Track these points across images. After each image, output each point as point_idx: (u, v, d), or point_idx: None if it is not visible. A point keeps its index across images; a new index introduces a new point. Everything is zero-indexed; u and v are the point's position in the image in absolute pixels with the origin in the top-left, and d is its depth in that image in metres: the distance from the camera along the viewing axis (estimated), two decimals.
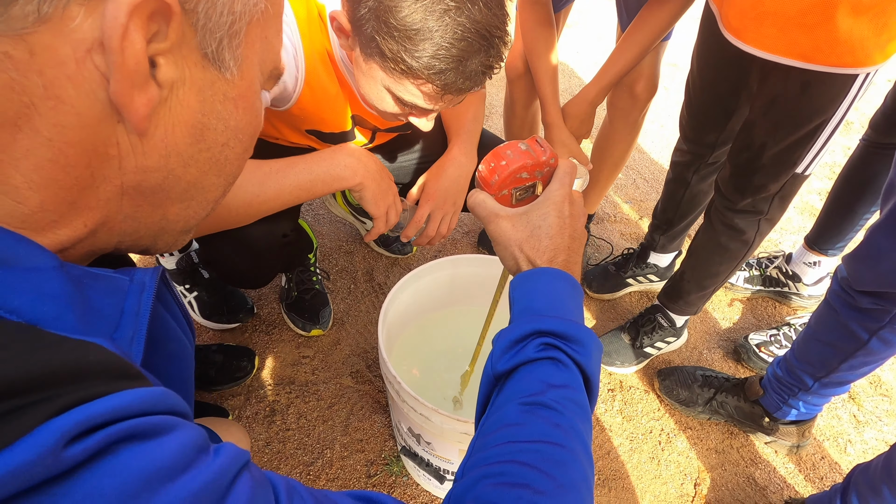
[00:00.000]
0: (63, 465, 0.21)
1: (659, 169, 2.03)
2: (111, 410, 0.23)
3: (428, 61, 0.65)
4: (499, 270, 1.06)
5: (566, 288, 0.50)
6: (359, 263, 1.53)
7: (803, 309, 1.52)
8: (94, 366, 0.24)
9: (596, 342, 0.48)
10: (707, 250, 1.16)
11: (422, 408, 0.80)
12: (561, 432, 0.41)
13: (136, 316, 0.30)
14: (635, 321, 1.35)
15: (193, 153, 0.30)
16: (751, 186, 0.99)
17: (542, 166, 0.54)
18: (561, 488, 0.37)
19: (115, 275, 0.30)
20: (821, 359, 0.97)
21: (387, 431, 1.17)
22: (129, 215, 0.30)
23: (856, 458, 1.22)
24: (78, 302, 0.26)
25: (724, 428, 1.25)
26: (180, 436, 0.25)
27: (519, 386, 0.44)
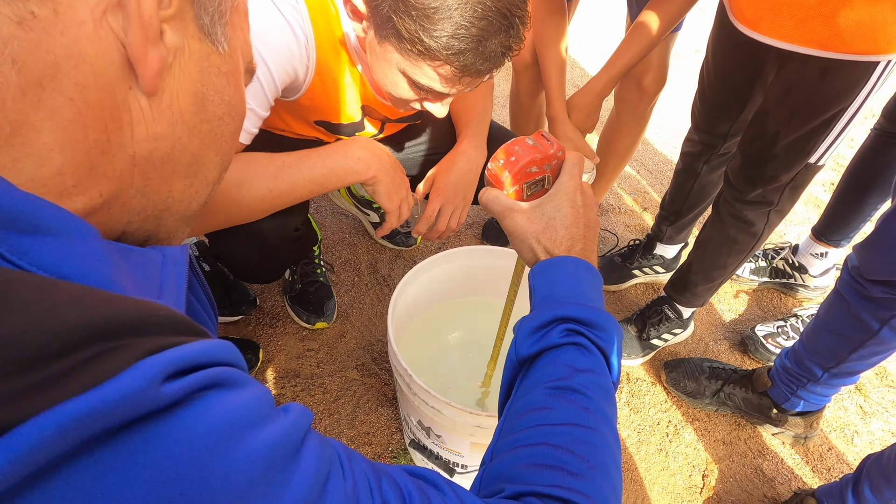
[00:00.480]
0: (161, 401, 0.22)
1: (663, 160, 2.02)
2: (197, 355, 0.24)
3: (447, 41, 0.63)
4: (510, 262, 1.05)
5: (586, 275, 0.51)
6: (362, 255, 1.52)
7: (809, 300, 1.51)
8: (164, 319, 0.25)
9: (617, 328, 0.49)
10: (715, 242, 1.15)
11: (434, 401, 0.79)
12: (589, 415, 0.42)
13: (174, 288, 0.31)
14: (642, 313, 1.34)
15: (196, 123, 0.32)
16: (762, 177, 0.98)
17: (550, 159, 0.55)
18: (593, 470, 0.38)
19: (147, 249, 0.31)
20: (831, 349, 0.97)
21: (394, 424, 1.17)
22: (139, 189, 0.31)
23: (863, 449, 1.22)
24: (122, 270, 0.27)
25: (731, 419, 1.25)
26: (256, 389, 0.26)
27: (545, 371, 0.45)
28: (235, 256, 0.90)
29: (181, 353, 0.23)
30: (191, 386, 0.23)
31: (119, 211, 0.31)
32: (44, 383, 0.19)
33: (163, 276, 0.31)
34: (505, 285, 1.08)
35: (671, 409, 1.26)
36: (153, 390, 0.21)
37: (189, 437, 0.22)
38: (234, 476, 0.23)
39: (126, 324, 0.23)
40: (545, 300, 0.49)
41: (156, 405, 0.21)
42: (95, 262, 0.25)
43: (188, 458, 0.22)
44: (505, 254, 1.03)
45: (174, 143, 0.31)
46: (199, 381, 0.23)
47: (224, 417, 0.24)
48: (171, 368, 0.22)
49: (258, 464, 0.24)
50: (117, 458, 0.20)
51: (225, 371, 0.25)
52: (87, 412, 0.19)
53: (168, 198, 0.33)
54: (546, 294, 0.49)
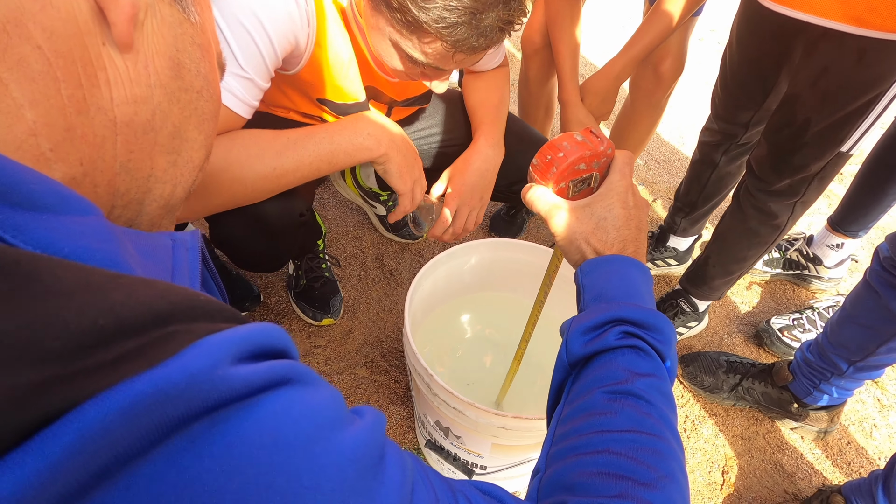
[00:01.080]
0: (235, 387, 0.19)
1: (671, 150, 1.99)
2: (259, 337, 0.22)
3: (439, 13, 0.58)
4: (529, 256, 1.02)
5: (638, 275, 0.49)
6: (368, 249, 1.47)
7: (822, 292, 1.49)
8: (206, 305, 0.23)
9: (673, 330, 0.46)
10: (735, 235, 1.11)
11: (456, 402, 0.76)
12: (652, 421, 0.40)
13: (187, 274, 0.29)
14: (657, 306, 1.31)
15: (175, 90, 0.30)
16: (790, 167, 0.94)
17: (599, 156, 0.53)
18: (663, 479, 0.36)
19: (155, 234, 0.29)
20: (858, 342, 0.94)
21: (406, 423, 1.13)
22: (123, 165, 0.29)
23: (882, 443, 1.21)
24: (131, 253, 0.25)
25: (749, 414, 1.23)
26: (330, 388, 0.25)
27: (601, 374, 0.43)
28: (237, 241, 0.86)
29: (243, 334, 0.21)
30: (267, 376, 0.21)
31: (106, 191, 0.28)
32: (97, 367, 0.17)
33: (174, 261, 0.29)
34: (524, 279, 1.05)
35: (688, 404, 1.24)
36: (222, 370, 0.19)
37: (274, 437, 0.20)
38: (325, 486, 0.21)
39: (175, 309, 0.21)
40: (598, 299, 0.47)
41: (230, 392, 0.19)
42: (101, 241, 0.23)
43: (277, 464, 0.20)
44: (524, 247, 0.99)
45: (154, 108, 0.29)
46: (274, 372, 0.21)
47: (307, 417, 0.21)
48: (236, 349, 0.20)
49: (347, 471, 0.22)
50: (192, 458, 0.18)
51: (296, 366, 0.23)
52: (153, 393, 0.17)
53: (150, 176, 0.31)
54: (598, 294, 0.47)
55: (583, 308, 0.48)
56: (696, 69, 2.44)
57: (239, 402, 0.20)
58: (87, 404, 0.16)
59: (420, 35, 0.62)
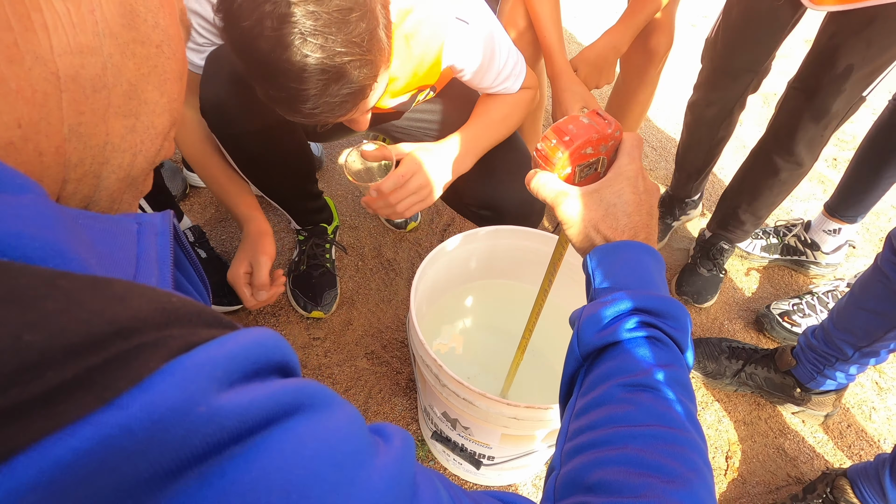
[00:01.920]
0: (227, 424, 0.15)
1: (667, 137, 1.98)
2: (249, 351, 0.17)
3: (264, 93, 0.61)
4: (534, 243, 1.00)
5: (651, 261, 0.47)
6: (365, 239, 1.45)
7: (821, 277, 1.50)
8: (179, 307, 0.17)
9: (689, 318, 0.45)
10: (766, 187, 1.19)
11: (466, 392, 0.74)
12: (673, 414, 0.38)
13: (155, 263, 0.25)
14: (703, 255, 1.39)
15: (128, 41, 0.27)
16: (827, 112, 0.98)
17: (606, 140, 0.50)
18: (688, 475, 0.34)
19: (117, 217, 0.25)
20: (865, 328, 0.94)
21: (409, 415, 1.12)
22: (73, 129, 0.25)
23: (881, 425, 1.22)
24: (82, 240, 0.20)
25: (751, 399, 1.23)
26: (346, 408, 0.20)
27: (616, 365, 0.41)
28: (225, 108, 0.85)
29: (230, 349, 0.16)
30: (270, 406, 0.16)
31: (54, 161, 0.24)
32: (18, 409, 0.12)
33: (140, 248, 0.25)
34: (528, 267, 1.03)
35: None
36: (206, 404, 0.14)
37: (286, 489, 0.15)
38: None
39: (136, 315, 0.16)
40: (609, 288, 0.45)
41: (219, 434, 0.15)
42: (39, 227, 0.18)
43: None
44: (528, 234, 0.97)
45: (105, 61, 0.26)
46: (278, 400, 0.17)
47: (325, 456, 0.17)
48: (222, 371, 0.16)
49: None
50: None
51: (303, 386, 0.19)
52: (100, 448, 0.12)
53: (107, 144, 0.28)
54: (609, 282, 0.46)
55: (593, 297, 0.46)
56: (690, 54, 2.42)
57: (234, 445, 0.15)
58: (11, 463, 0.12)
59: None
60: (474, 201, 1.03)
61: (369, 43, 0.58)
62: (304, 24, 0.53)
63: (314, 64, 0.56)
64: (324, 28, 0.54)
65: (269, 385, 0.17)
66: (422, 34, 0.78)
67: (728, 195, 1.31)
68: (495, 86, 0.92)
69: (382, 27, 0.61)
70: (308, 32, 0.54)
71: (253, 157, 0.95)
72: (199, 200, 1.48)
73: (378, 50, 0.61)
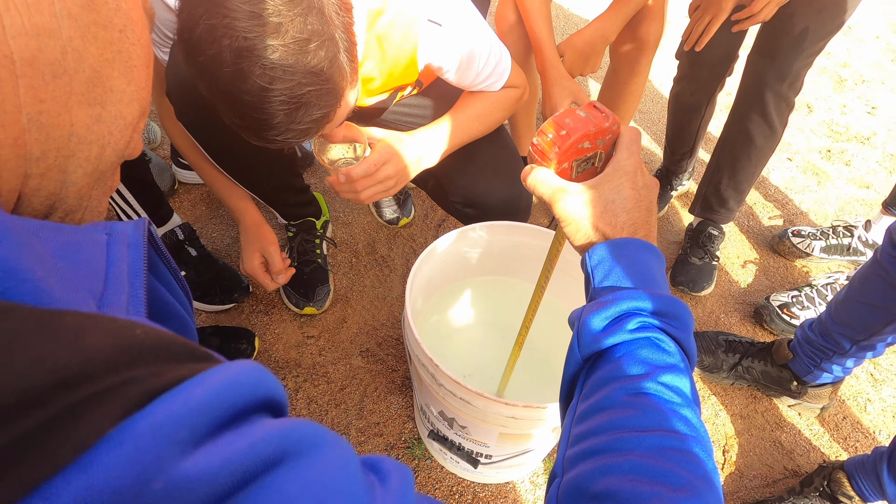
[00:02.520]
0: (196, 490, 0.12)
1: (662, 130, 1.97)
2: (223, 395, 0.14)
3: (228, 119, 0.61)
4: (531, 239, 0.98)
5: (652, 259, 0.46)
6: (359, 235, 1.43)
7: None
8: (146, 343, 0.15)
9: (691, 316, 0.44)
10: (744, 158, 1.25)
11: (463, 392, 0.73)
12: (677, 419, 0.37)
13: (127, 277, 0.23)
14: (694, 244, 1.41)
15: (89, 24, 0.26)
16: (790, 72, 1.11)
17: (604, 133, 0.49)
18: (696, 482, 0.34)
19: (85, 227, 0.23)
20: (864, 321, 0.94)
21: (405, 413, 1.10)
22: (33, 118, 0.24)
23: (876, 417, 1.22)
24: (39, 255, 0.18)
25: (747, 392, 1.23)
26: (335, 447, 0.17)
27: (618, 368, 0.40)
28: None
29: (200, 397, 0.14)
30: (248, 462, 0.14)
31: (12, 153, 0.23)
32: None
33: (109, 261, 0.24)
34: (525, 263, 1.02)
35: None
36: (167, 472, 0.12)
37: None
38: None
39: (87, 359, 0.13)
40: (609, 288, 0.44)
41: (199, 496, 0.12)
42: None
43: None
44: (525, 229, 0.96)
45: (64, 45, 0.24)
46: (257, 454, 0.15)
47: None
48: (188, 428, 0.13)
49: None
50: None
51: (286, 429, 0.16)
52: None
53: (72, 135, 0.26)
54: (609, 281, 0.44)
55: (593, 297, 0.45)
56: None
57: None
58: None
59: None
60: (459, 199, 1.03)
61: (329, 71, 0.58)
62: (263, 58, 0.53)
63: (275, 96, 0.56)
64: (282, 60, 0.54)
65: (246, 435, 0.15)
66: (394, 36, 0.77)
67: (708, 175, 1.36)
68: (476, 84, 0.91)
69: (344, 51, 0.60)
70: (267, 66, 0.53)
71: (225, 147, 0.94)
72: (188, 197, 1.46)
73: (340, 76, 0.60)
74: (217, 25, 0.51)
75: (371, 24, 0.75)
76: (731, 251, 1.53)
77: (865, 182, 1.81)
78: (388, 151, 0.84)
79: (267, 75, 0.54)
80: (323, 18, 0.55)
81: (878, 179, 1.83)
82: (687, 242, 1.44)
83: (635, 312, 0.41)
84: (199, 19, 0.51)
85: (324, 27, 0.55)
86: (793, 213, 1.67)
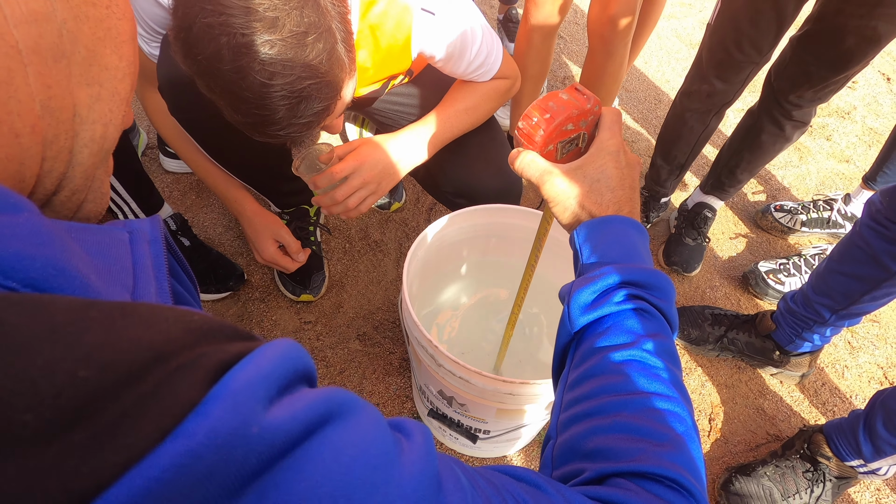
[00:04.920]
0: (275, 440, 0.16)
1: (648, 108, 1.99)
2: (283, 366, 0.18)
3: (229, 116, 0.61)
4: (521, 221, 1.00)
5: (636, 235, 0.48)
6: (352, 221, 1.44)
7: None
8: (202, 324, 0.18)
9: (672, 287, 0.47)
10: (769, 146, 1.23)
11: (462, 371, 0.75)
12: (661, 382, 0.40)
13: (151, 272, 0.25)
14: (688, 225, 1.41)
15: (79, 3, 0.26)
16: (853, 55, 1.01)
17: (586, 115, 0.51)
18: (678, 439, 0.37)
19: (107, 227, 0.25)
20: (843, 291, 0.98)
21: (403, 393, 1.13)
22: (43, 103, 0.24)
23: (853, 382, 1.28)
24: (77, 255, 0.20)
25: (732, 363, 1.28)
26: (369, 410, 0.21)
27: (606, 338, 0.42)
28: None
29: (268, 369, 0.17)
30: (308, 419, 0.17)
31: (31, 141, 0.24)
32: (89, 445, 0.13)
33: (134, 258, 0.25)
34: (516, 244, 1.04)
35: None
36: (257, 424, 0.15)
37: (332, 494, 0.17)
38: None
39: (170, 337, 0.16)
40: (596, 263, 0.46)
41: (270, 450, 0.16)
42: (39, 244, 0.18)
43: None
44: (515, 212, 0.98)
45: (60, 28, 0.25)
46: (314, 412, 0.18)
47: (361, 460, 0.18)
48: (264, 390, 0.17)
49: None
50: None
51: (332, 395, 0.20)
52: (174, 478, 0.13)
53: (75, 116, 0.27)
54: (596, 256, 0.47)
55: (581, 272, 0.47)
56: (666, 22, 2.42)
57: (283, 458, 0.16)
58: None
59: None
60: (451, 189, 1.04)
61: (328, 63, 0.58)
62: (261, 54, 0.53)
63: (276, 92, 0.56)
64: (280, 55, 0.54)
65: (301, 398, 0.18)
66: (387, 25, 0.77)
67: (724, 157, 1.32)
68: (467, 73, 0.91)
69: (342, 41, 0.60)
70: (266, 61, 0.54)
71: (217, 138, 0.94)
72: (178, 187, 1.45)
73: (339, 67, 0.60)
74: (214, 23, 0.51)
75: (364, 13, 0.75)
76: (715, 227, 1.57)
77: (846, 156, 1.86)
78: (355, 159, 0.85)
79: (266, 71, 0.54)
80: (319, 10, 0.55)
81: (858, 153, 1.88)
82: (682, 223, 1.44)
83: (621, 286, 0.44)
84: (195, 17, 0.51)
85: (320, 19, 0.55)
86: (775, 189, 1.71)
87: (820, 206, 1.51)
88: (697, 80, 1.17)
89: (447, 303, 1.11)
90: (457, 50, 0.84)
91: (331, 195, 0.85)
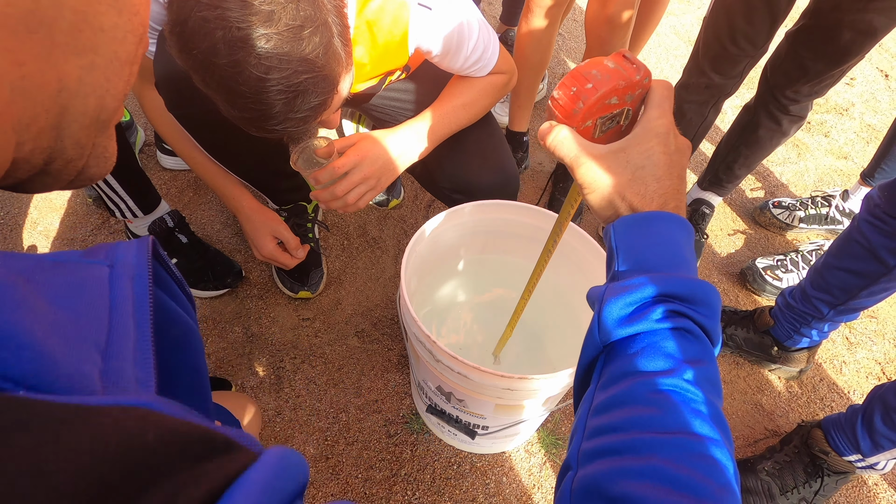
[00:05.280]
0: None
1: None
2: (282, 488, 0.15)
3: (225, 111, 0.61)
4: (527, 218, 1.00)
5: (682, 235, 0.41)
6: (349, 218, 1.43)
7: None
8: (160, 448, 0.15)
9: (719, 300, 0.40)
10: (767, 141, 1.23)
11: (460, 367, 0.75)
12: (702, 420, 0.35)
13: (132, 311, 0.22)
14: (689, 219, 1.39)
15: None
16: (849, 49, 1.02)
17: (634, 88, 0.43)
18: (720, 492, 0.32)
19: (84, 260, 0.21)
20: (841, 286, 0.98)
21: (402, 389, 1.13)
22: (15, 85, 0.21)
23: (850, 378, 1.28)
24: (39, 311, 0.17)
25: (730, 359, 1.28)
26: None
27: (642, 359, 0.37)
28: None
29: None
30: None
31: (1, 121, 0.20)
32: None
33: (113, 299, 0.22)
34: (518, 242, 1.04)
35: None
36: None
37: None
38: None
39: (126, 467, 0.13)
40: (636, 267, 0.40)
41: None
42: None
43: None
44: (514, 208, 0.98)
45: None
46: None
47: None
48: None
49: None
50: None
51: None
52: None
53: (61, 91, 0.23)
54: (635, 260, 0.40)
55: (615, 275, 0.41)
56: (664, 19, 2.42)
57: None
58: None
59: None
60: (448, 184, 1.04)
61: (325, 57, 0.58)
62: (257, 48, 0.53)
63: (272, 86, 0.55)
64: (277, 49, 0.54)
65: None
66: (384, 20, 0.77)
67: (722, 153, 1.32)
68: (464, 69, 0.91)
69: (338, 35, 0.60)
70: (262, 55, 0.53)
71: (215, 135, 0.93)
72: (175, 184, 1.45)
73: (335, 62, 0.60)
74: (209, 17, 0.50)
75: (361, 9, 0.75)
76: (714, 223, 1.57)
77: (844, 153, 1.86)
78: (356, 154, 0.85)
79: (262, 65, 0.54)
80: (314, 3, 0.55)
81: (856, 150, 1.88)
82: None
83: (660, 300, 0.38)
84: (190, 11, 0.51)
85: (316, 12, 0.55)
86: (773, 185, 1.71)
87: (818, 202, 1.51)
88: (695, 73, 1.18)
89: (445, 299, 1.11)
90: (453, 45, 0.84)
91: (331, 190, 0.85)
